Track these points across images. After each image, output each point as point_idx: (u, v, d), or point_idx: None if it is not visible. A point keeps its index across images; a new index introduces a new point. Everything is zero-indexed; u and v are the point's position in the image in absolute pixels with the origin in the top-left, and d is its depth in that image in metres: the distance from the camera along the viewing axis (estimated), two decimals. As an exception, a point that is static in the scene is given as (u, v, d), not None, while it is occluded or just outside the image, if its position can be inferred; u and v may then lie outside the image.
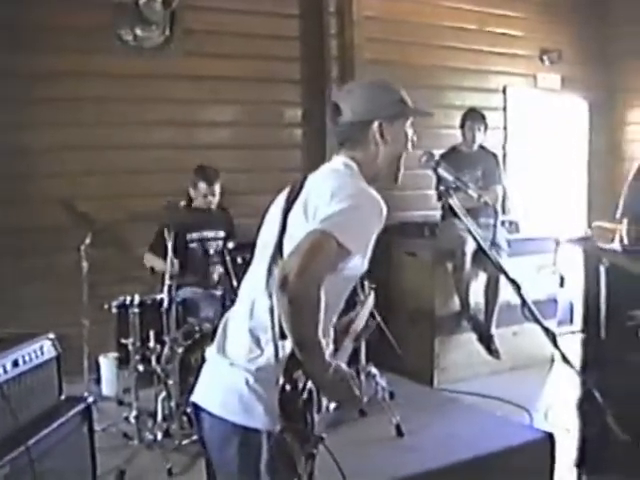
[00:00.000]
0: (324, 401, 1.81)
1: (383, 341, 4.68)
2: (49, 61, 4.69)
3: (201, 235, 4.51)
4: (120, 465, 3.34)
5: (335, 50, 5.75)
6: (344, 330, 2.01)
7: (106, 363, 4.59)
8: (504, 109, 6.67)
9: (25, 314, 4.19)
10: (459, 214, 1.91)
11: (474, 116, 5.26)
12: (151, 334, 3.83)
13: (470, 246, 4.82)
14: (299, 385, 1.70)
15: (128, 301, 3.89)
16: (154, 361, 3.82)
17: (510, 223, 5.73)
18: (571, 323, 6.16)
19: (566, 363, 1.80)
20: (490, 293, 5.07)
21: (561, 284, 5.91)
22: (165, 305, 3.75)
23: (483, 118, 5.26)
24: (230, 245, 4.29)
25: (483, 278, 5.10)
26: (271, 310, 1.74)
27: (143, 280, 4.42)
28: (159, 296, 3.87)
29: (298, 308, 1.60)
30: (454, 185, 1.97)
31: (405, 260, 5.41)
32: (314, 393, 1.75)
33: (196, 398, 1.89)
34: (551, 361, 5.39)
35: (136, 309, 3.82)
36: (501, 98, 6.65)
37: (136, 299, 3.86)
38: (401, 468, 3.46)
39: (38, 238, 4.66)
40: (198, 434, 1.94)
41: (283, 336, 1.70)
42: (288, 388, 1.67)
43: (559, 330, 5.54)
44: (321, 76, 5.69)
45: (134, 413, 3.78)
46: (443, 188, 1.99)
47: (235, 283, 4.01)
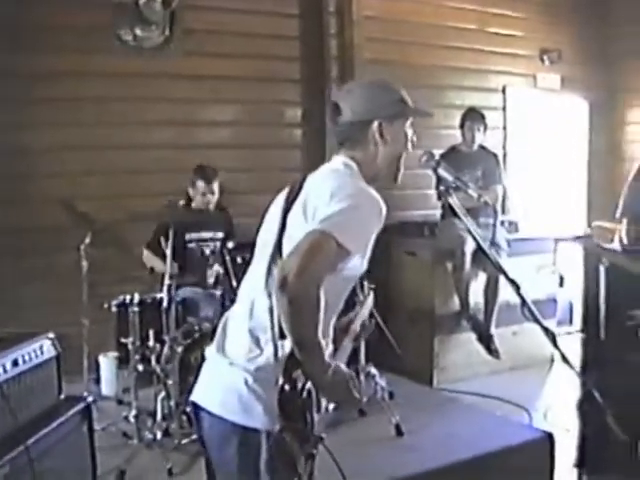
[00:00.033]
0: (323, 401, 1.81)
1: (383, 341, 4.68)
2: (49, 61, 4.70)
3: (199, 236, 4.51)
4: (120, 465, 3.34)
5: (335, 50, 5.76)
6: (343, 330, 2.01)
7: (106, 362, 4.59)
8: (504, 109, 6.67)
9: (25, 314, 4.19)
10: (459, 214, 1.91)
11: (474, 116, 5.26)
12: (151, 333, 3.83)
13: (470, 246, 4.81)
14: (298, 385, 1.70)
15: (128, 300, 3.89)
16: (154, 360, 3.82)
17: (510, 223, 5.73)
18: (571, 323, 6.15)
19: (566, 363, 1.80)
20: (490, 293, 5.08)
21: (560, 284, 5.90)
22: (165, 304, 3.74)
23: (483, 118, 5.26)
24: (230, 245, 4.28)
25: (483, 278, 5.10)
26: (270, 310, 1.74)
27: (143, 280, 4.42)
28: (159, 295, 3.86)
29: (297, 308, 1.61)
30: (454, 185, 1.97)
31: (405, 260, 5.41)
32: (313, 393, 1.75)
33: (195, 397, 1.89)
34: (551, 361, 5.39)
35: (136, 308, 3.82)
36: (501, 98, 6.65)
37: (136, 298, 3.86)
38: (401, 468, 3.46)
39: (38, 238, 4.66)
40: (197, 433, 1.94)
41: (282, 336, 1.70)
42: (287, 388, 1.67)
43: (559, 330, 5.53)
44: (321, 76, 5.70)
45: (134, 412, 3.78)
46: (443, 188, 1.99)
47: (235, 283, 4.01)
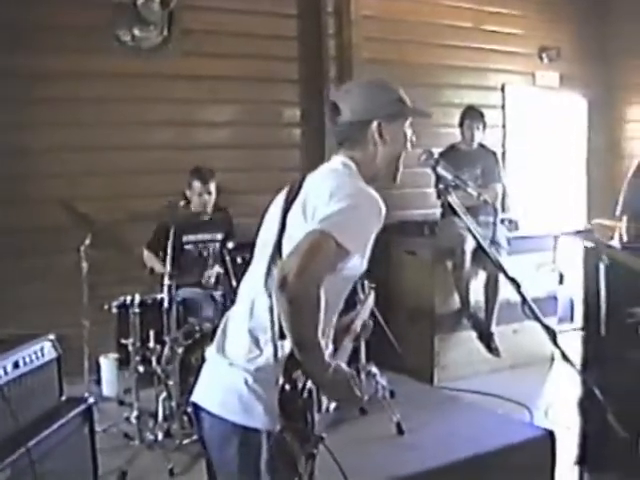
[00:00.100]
0: (324, 401, 1.81)
1: (383, 340, 4.67)
2: (48, 61, 4.69)
3: (197, 238, 4.51)
4: (121, 466, 3.34)
5: (333, 50, 5.76)
6: (344, 330, 2.01)
7: (106, 364, 4.59)
8: (503, 107, 6.67)
9: (25, 315, 4.18)
10: (459, 212, 1.91)
11: (473, 114, 5.26)
12: (151, 334, 3.83)
13: (470, 244, 4.82)
14: (298, 385, 1.70)
15: (128, 301, 3.88)
16: (154, 361, 3.81)
17: (510, 221, 5.73)
18: (571, 321, 6.16)
19: (566, 361, 1.80)
20: (490, 291, 5.08)
21: (561, 281, 5.91)
22: (165, 305, 3.74)
23: (482, 116, 5.26)
24: (230, 245, 4.28)
25: (483, 276, 5.10)
26: (270, 310, 1.74)
27: (143, 281, 4.42)
28: (159, 296, 3.86)
29: (297, 308, 1.60)
30: (453, 183, 1.97)
31: (405, 259, 5.41)
32: (314, 393, 1.75)
33: (196, 398, 1.89)
34: (551, 359, 5.39)
35: (136, 309, 3.81)
36: (500, 96, 6.64)
37: (136, 299, 3.85)
38: (402, 466, 3.46)
39: (38, 238, 4.66)
40: (198, 434, 1.94)
41: (282, 336, 1.70)
42: (287, 388, 1.67)
43: (559, 328, 5.55)
44: (319, 76, 5.69)
45: (135, 413, 3.78)
46: (442, 186, 1.99)
47: (235, 283, 4.01)
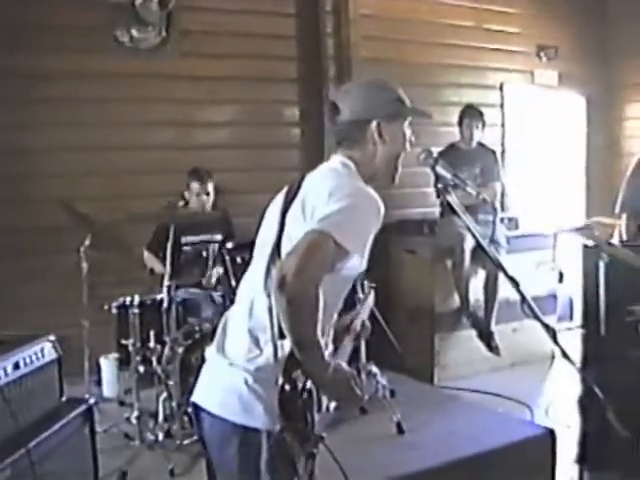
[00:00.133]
0: (324, 400, 1.81)
1: (383, 339, 4.67)
2: (48, 61, 4.69)
3: (196, 239, 4.50)
4: (122, 466, 3.33)
5: (332, 49, 5.75)
6: (344, 329, 2.01)
7: (107, 364, 4.59)
8: (502, 106, 6.67)
9: (25, 315, 4.18)
10: (458, 211, 1.91)
11: (472, 113, 5.26)
12: (151, 334, 3.82)
13: (469, 243, 4.82)
14: (298, 385, 1.70)
15: (128, 302, 3.88)
16: (155, 361, 3.81)
17: (509, 220, 5.73)
18: (571, 319, 6.16)
19: (566, 359, 1.80)
20: (489, 290, 5.08)
21: (560, 280, 5.91)
22: (165, 305, 3.74)
23: (481, 115, 5.26)
24: (229, 245, 4.28)
25: (482, 275, 5.10)
26: (270, 309, 1.74)
27: (143, 281, 4.42)
28: (159, 296, 3.86)
29: (296, 308, 1.61)
30: (452, 182, 1.97)
31: (404, 258, 5.41)
32: (314, 392, 1.75)
33: (196, 398, 1.90)
34: (551, 357, 5.39)
35: (136, 309, 3.81)
36: (498, 95, 6.64)
37: (136, 299, 3.84)
38: (402, 466, 3.46)
39: (38, 238, 4.65)
40: (198, 434, 1.94)
41: (282, 336, 1.70)
42: (287, 388, 1.67)
43: (559, 326, 5.56)
44: (318, 75, 5.69)
45: (135, 414, 3.77)
46: (441, 186, 1.99)
47: (234, 283, 4.01)
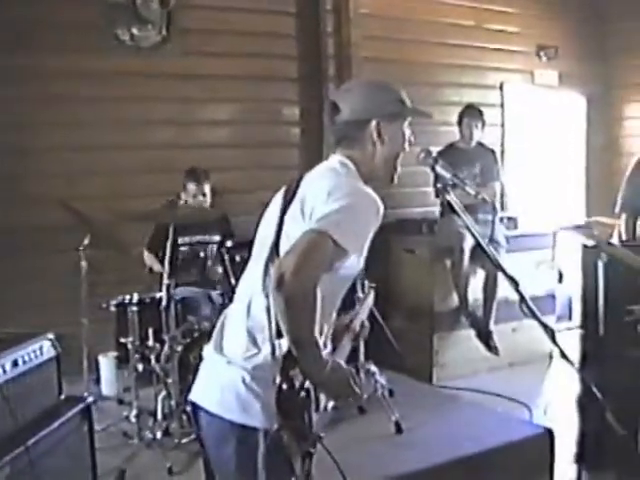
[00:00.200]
0: (322, 400, 1.81)
1: (382, 339, 4.68)
2: (48, 60, 4.68)
3: (193, 239, 4.50)
4: (120, 464, 3.34)
5: (332, 48, 5.75)
6: (343, 329, 2.01)
7: (105, 362, 4.59)
8: (501, 105, 6.66)
9: (24, 314, 4.18)
10: (457, 211, 1.91)
11: (471, 113, 5.26)
12: (150, 333, 3.83)
13: (468, 243, 4.81)
14: (296, 383, 1.70)
15: (127, 300, 3.89)
16: (153, 360, 3.81)
17: (508, 219, 5.73)
18: (570, 319, 6.15)
19: (565, 359, 1.80)
20: (488, 289, 5.08)
21: (559, 280, 5.91)
22: (164, 304, 3.74)
23: (481, 115, 5.25)
24: (228, 244, 4.28)
25: (481, 275, 5.10)
26: (268, 309, 1.74)
27: (142, 280, 4.42)
28: (158, 295, 3.86)
29: (294, 307, 1.61)
30: (451, 182, 1.97)
31: (404, 257, 5.41)
32: (312, 392, 1.76)
33: (194, 396, 1.90)
34: (550, 357, 5.37)
35: (135, 308, 3.82)
36: (498, 94, 6.63)
37: (135, 298, 3.85)
38: (400, 465, 3.47)
39: (37, 238, 4.64)
40: (196, 432, 1.95)
41: (280, 335, 1.70)
42: (285, 387, 1.67)
43: (558, 326, 5.55)
44: (318, 74, 5.69)
45: (134, 412, 3.78)
46: (441, 185, 1.99)
47: (233, 282, 4.01)
